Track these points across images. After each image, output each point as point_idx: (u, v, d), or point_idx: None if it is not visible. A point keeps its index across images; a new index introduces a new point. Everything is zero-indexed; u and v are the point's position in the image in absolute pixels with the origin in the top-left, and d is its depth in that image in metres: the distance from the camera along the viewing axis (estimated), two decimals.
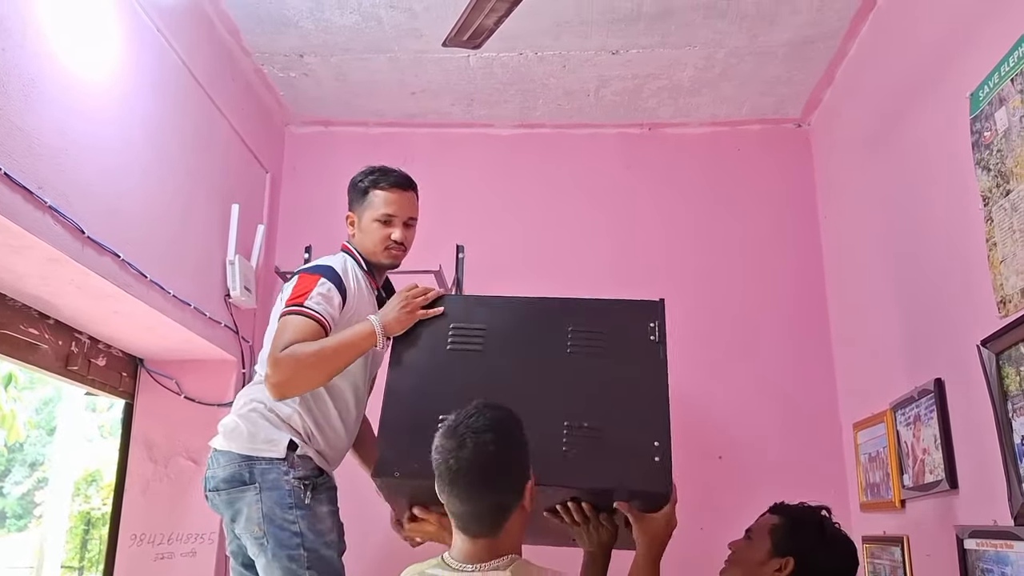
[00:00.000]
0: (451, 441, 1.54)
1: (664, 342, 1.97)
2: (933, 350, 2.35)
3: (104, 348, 2.80)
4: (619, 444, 1.84)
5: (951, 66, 2.24)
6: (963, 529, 2.12)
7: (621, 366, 1.95)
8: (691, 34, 2.91)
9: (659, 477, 1.80)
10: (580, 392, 1.92)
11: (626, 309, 2.02)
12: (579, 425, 1.87)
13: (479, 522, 1.54)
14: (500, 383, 1.95)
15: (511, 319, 2.06)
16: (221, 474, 2.04)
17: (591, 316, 2.03)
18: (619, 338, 1.98)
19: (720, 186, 3.47)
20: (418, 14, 2.82)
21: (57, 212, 1.97)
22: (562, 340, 1.99)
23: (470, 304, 2.14)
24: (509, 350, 2.01)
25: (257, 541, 1.98)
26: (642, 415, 1.87)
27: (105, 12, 2.27)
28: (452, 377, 1.99)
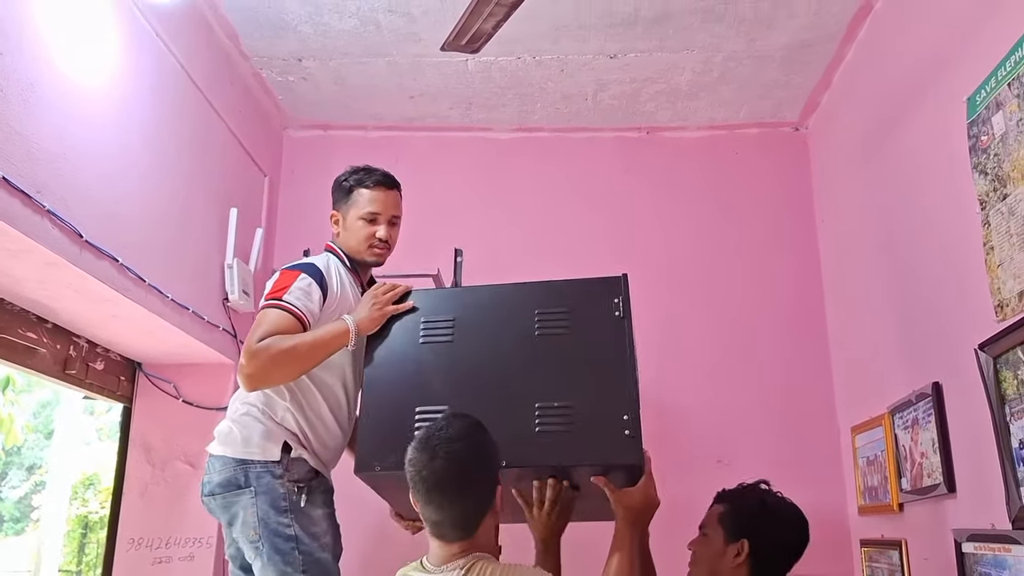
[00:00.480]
0: (423, 454, 1.60)
1: (628, 316, 2.00)
2: (931, 354, 2.36)
3: (102, 352, 2.80)
4: (590, 420, 1.89)
5: (948, 70, 2.25)
6: (961, 533, 2.12)
7: (588, 344, 1.99)
8: (689, 38, 2.92)
9: (630, 449, 1.85)
10: (550, 372, 1.97)
11: (589, 287, 2.06)
12: (550, 405, 1.92)
13: (453, 528, 1.61)
14: (472, 371, 2.01)
15: (479, 308, 2.11)
16: (217, 479, 2.05)
17: (556, 297, 2.07)
18: (584, 316, 2.02)
19: (718, 190, 3.47)
20: (416, 18, 2.82)
21: (55, 216, 1.97)
22: (530, 323, 2.03)
23: (438, 297, 2.19)
24: (479, 338, 2.05)
25: (253, 545, 1.98)
26: (611, 390, 1.91)
27: (104, 16, 2.28)
28: (426, 370, 2.04)
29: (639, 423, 1.86)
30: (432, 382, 2.01)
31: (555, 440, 1.89)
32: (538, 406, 1.93)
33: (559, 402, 1.93)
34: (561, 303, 2.05)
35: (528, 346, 2.01)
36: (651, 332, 3.28)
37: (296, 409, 2.08)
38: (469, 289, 2.18)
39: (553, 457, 1.90)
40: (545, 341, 2.01)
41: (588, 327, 2.01)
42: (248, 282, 3.00)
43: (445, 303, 2.13)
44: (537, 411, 1.92)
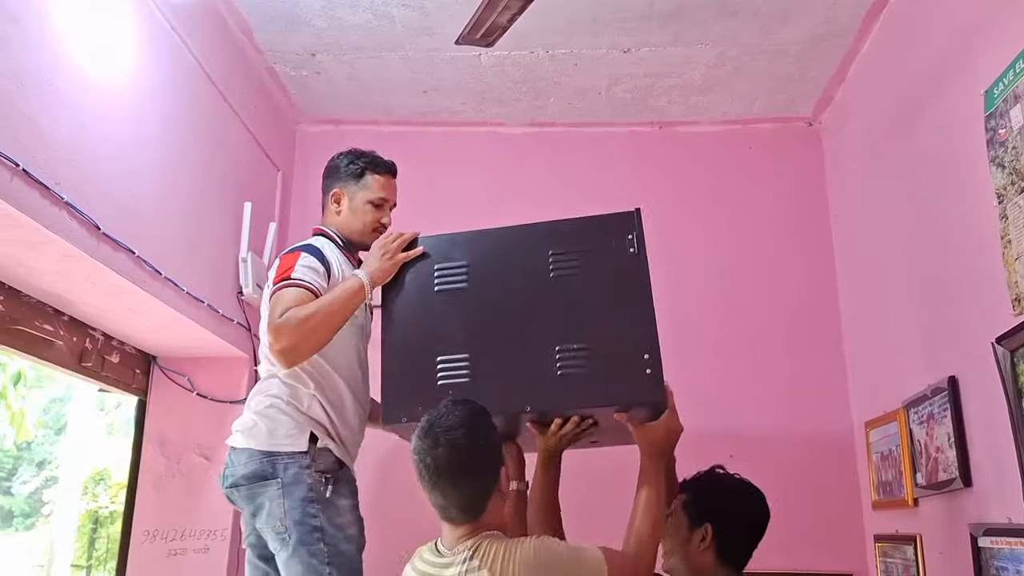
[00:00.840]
0: (426, 441, 1.64)
1: (644, 252, 1.99)
2: (947, 348, 2.35)
3: (118, 345, 2.81)
4: (611, 361, 1.89)
5: (965, 63, 2.24)
6: (977, 527, 2.12)
7: (605, 283, 1.97)
8: (703, 32, 2.91)
9: (652, 387, 1.86)
10: (567, 314, 1.96)
11: (602, 224, 2.04)
12: (569, 347, 1.92)
13: (460, 511, 1.65)
14: (489, 317, 2.00)
15: (492, 252, 2.09)
16: (242, 471, 2.05)
17: (570, 237, 2.05)
18: (600, 255, 2.00)
19: (731, 184, 3.46)
20: (430, 12, 2.82)
21: (73, 208, 1.98)
22: (544, 265, 2.01)
23: (449, 243, 2.13)
24: (494, 283, 2.04)
25: (279, 536, 1.99)
26: (630, 329, 1.91)
27: (121, 10, 2.29)
28: (443, 318, 2.03)
29: (659, 361, 1.88)
30: (451, 330, 2.01)
31: (577, 383, 1.90)
32: (558, 349, 1.92)
33: (578, 344, 1.92)
34: (575, 243, 2.03)
35: (544, 288, 2.00)
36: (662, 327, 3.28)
37: (321, 396, 2.09)
38: (480, 233, 2.13)
39: (576, 400, 1.91)
40: (561, 282, 1.99)
41: (603, 266, 1.99)
42: (262, 276, 3.00)
43: (457, 248, 2.10)
44: (558, 354, 1.92)
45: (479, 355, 1.97)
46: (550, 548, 1.63)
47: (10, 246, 2.00)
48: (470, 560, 1.59)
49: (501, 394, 1.92)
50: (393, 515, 2.62)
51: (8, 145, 1.76)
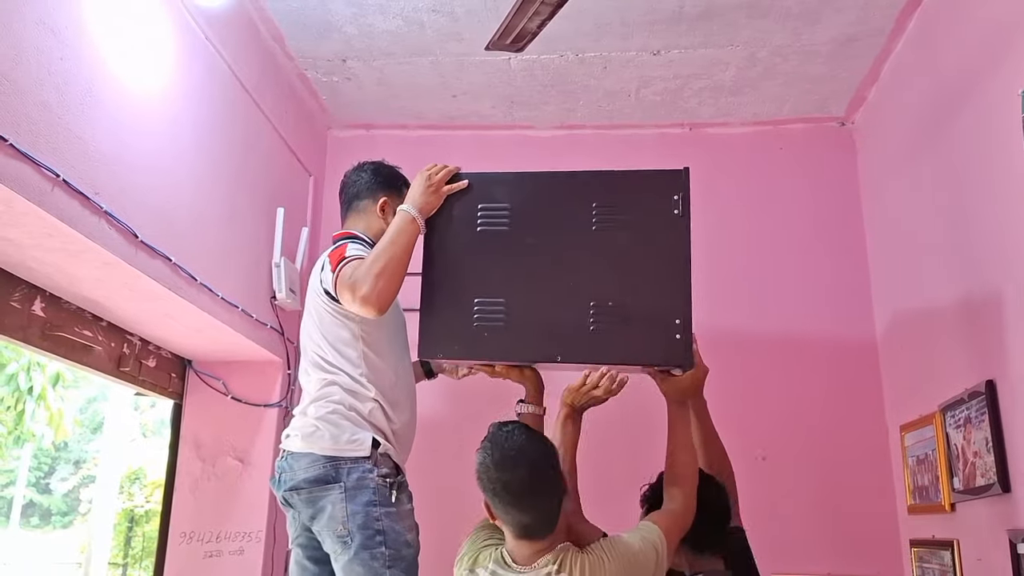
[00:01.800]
0: (504, 464, 1.70)
1: (688, 215, 1.98)
2: (984, 351, 2.32)
3: (154, 349, 2.86)
4: (643, 321, 1.93)
5: (1001, 63, 2.20)
6: (1016, 533, 2.09)
7: (645, 241, 1.98)
8: (733, 33, 2.89)
9: (680, 352, 1.91)
10: (605, 269, 1.97)
11: (649, 181, 2.03)
12: (604, 303, 1.95)
13: (543, 526, 1.72)
14: (528, 263, 2.01)
15: (535, 197, 2.09)
16: (303, 475, 2.06)
17: (615, 190, 2.04)
18: (643, 212, 2.00)
19: (762, 186, 3.44)
20: (459, 17, 2.83)
21: (112, 217, 2.02)
22: (587, 216, 2.01)
23: (493, 182, 2.12)
24: (535, 228, 2.04)
25: (340, 539, 2.01)
26: (665, 291, 1.94)
27: (157, 20, 2.33)
28: (482, 258, 2.05)
29: (690, 326, 1.91)
30: (489, 273, 2.03)
31: (607, 339, 1.94)
32: (592, 304, 1.95)
33: (613, 301, 1.94)
34: (620, 197, 2.02)
35: (585, 240, 2.00)
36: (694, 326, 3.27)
37: (382, 400, 2.12)
38: (525, 175, 2.13)
39: (604, 356, 1.95)
40: (602, 236, 1.99)
41: (646, 224, 1.98)
42: (295, 281, 3.04)
43: (500, 189, 2.10)
44: (592, 309, 1.95)
45: (514, 301, 1.99)
46: (627, 546, 1.73)
47: (51, 254, 2.04)
48: (558, 573, 1.66)
49: (532, 342, 1.98)
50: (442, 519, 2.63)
51: (49, 156, 1.80)
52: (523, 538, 1.72)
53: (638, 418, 2.56)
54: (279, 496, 2.16)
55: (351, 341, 2.12)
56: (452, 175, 2.11)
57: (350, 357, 2.12)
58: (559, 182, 2.11)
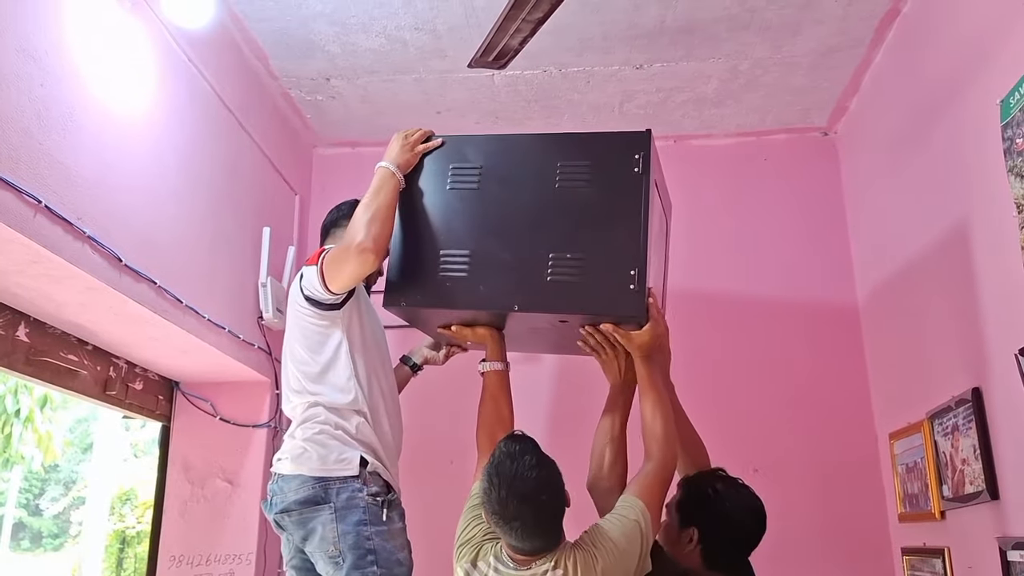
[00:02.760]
0: (507, 504, 1.69)
1: (648, 173, 2.03)
2: (969, 359, 2.33)
3: (141, 372, 2.84)
4: (599, 273, 1.99)
5: (980, 72, 2.23)
6: (1006, 541, 2.10)
7: (605, 198, 2.04)
8: (715, 46, 2.91)
9: (635, 303, 1.95)
10: (566, 224, 2.05)
11: (612, 142, 2.11)
12: (562, 256, 2.01)
13: (545, 550, 1.73)
14: (494, 218, 2.11)
15: (505, 157, 2.18)
16: (293, 496, 2.07)
17: (579, 150, 2.12)
18: (605, 171, 2.07)
19: (747, 197, 3.46)
20: (442, 35, 2.84)
21: (96, 242, 2.02)
22: (552, 174, 2.09)
23: (466, 143, 2.22)
24: (504, 187, 2.13)
25: (332, 560, 2.01)
26: (621, 244, 1.99)
27: (138, 43, 2.32)
28: (452, 215, 2.14)
29: (645, 277, 1.95)
30: (457, 227, 2.12)
31: (564, 290, 2.00)
32: (551, 256, 2.02)
33: (571, 253, 2.01)
34: (583, 156, 2.10)
35: (548, 197, 2.08)
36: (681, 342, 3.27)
37: (366, 408, 2.13)
38: (497, 137, 2.24)
39: (560, 306, 2.02)
40: (565, 193, 2.07)
41: (607, 182, 2.06)
42: (282, 300, 3.03)
43: (472, 149, 2.19)
44: (550, 261, 2.02)
45: (479, 253, 2.08)
46: (610, 540, 1.75)
47: (35, 280, 2.03)
48: (554, 570, 1.70)
49: (492, 292, 2.07)
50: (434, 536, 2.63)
51: (31, 182, 1.80)
52: (522, 553, 1.75)
53: None
54: (271, 519, 2.16)
55: (336, 347, 2.14)
56: (427, 136, 2.21)
57: (335, 366, 2.14)
58: (527, 143, 2.22)
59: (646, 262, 1.96)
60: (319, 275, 2.07)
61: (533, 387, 3.21)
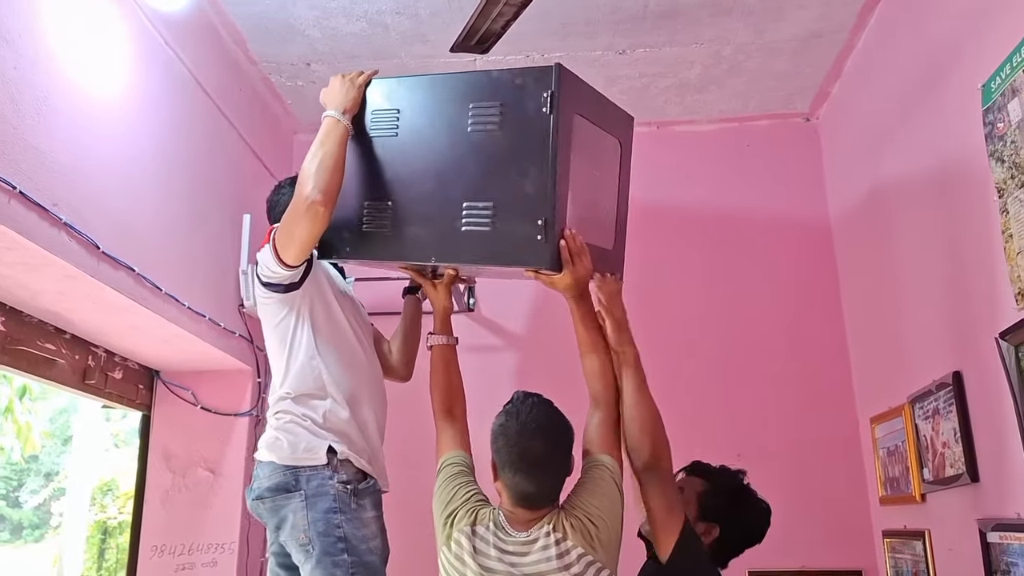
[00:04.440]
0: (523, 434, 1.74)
1: (556, 113, 1.89)
2: (950, 343, 2.34)
3: (120, 361, 2.81)
4: (509, 222, 1.92)
5: (961, 57, 2.23)
6: (986, 523, 2.12)
7: (515, 142, 1.95)
8: (698, 32, 2.90)
9: (542, 254, 1.88)
10: (478, 171, 1.98)
11: (521, 79, 1.97)
12: (475, 205, 1.96)
13: (547, 499, 1.77)
14: (413, 167, 2.05)
15: (422, 101, 2.09)
16: (266, 483, 2.07)
17: (489, 90, 2.01)
18: (514, 112, 1.96)
19: (730, 182, 3.46)
20: (424, 20, 2.82)
21: (72, 229, 1.98)
22: (465, 118, 2.00)
23: (387, 87, 2.14)
24: (420, 133, 2.06)
25: (303, 548, 2.00)
26: (530, 192, 1.90)
27: (114, 27, 2.28)
28: (373, 164, 2.09)
29: (554, 226, 1.87)
30: (378, 176, 2.07)
31: (477, 239, 1.95)
32: (465, 205, 1.96)
33: (482, 202, 1.95)
34: (494, 96, 1.99)
35: (462, 142, 2.00)
36: (665, 327, 3.28)
37: (336, 393, 2.12)
38: (414, 79, 2.13)
39: (474, 256, 2.00)
40: (477, 137, 1.98)
41: (517, 123, 1.95)
42: None
43: (393, 93, 2.11)
44: (464, 210, 1.96)
45: (399, 204, 2.04)
46: (600, 503, 1.78)
47: (10, 268, 2.00)
48: (554, 532, 1.72)
49: (412, 243, 2.04)
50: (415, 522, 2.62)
51: (4, 168, 1.76)
52: (522, 506, 1.76)
53: None
54: (249, 505, 2.16)
55: (298, 331, 2.13)
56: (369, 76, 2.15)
57: (298, 351, 2.13)
58: (442, 84, 2.10)
59: (554, 210, 1.87)
60: (272, 252, 2.03)
61: (511, 376, 3.21)
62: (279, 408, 2.14)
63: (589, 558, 1.71)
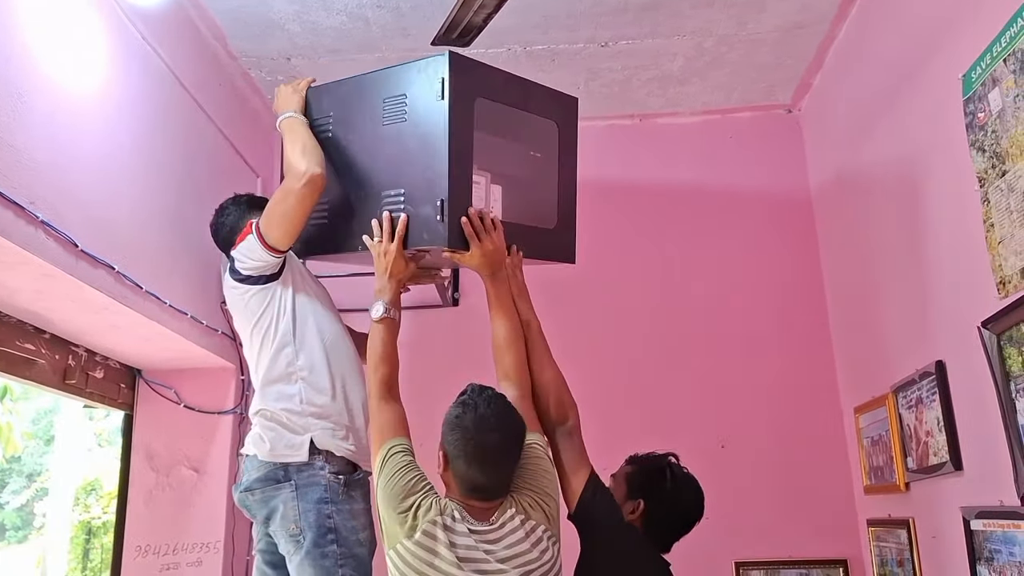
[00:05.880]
0: (479, 426, 1.75)
1: (450, 98, 2.04)
2: (933, 332, 2.36)
3: (102, 360, 2.78)
4: (418, 206, 2.07)
5: (942, 47, 2.24)
6: (969, 511, 2.13)
7: (418, 129, 2.09)
8: (680, 23, 2.90)
9: (443, 233, 2.02)
10: (392, 161, 2.14)
11: (419, 70, 2.13)
12: (389, 193, 2.12)
13: (494, 492, 1.80)
14: (344, 165, 2.21)
15: (348, 101, 2.27)
16: (256, 475, 2.09)
17: (397, 84, 2.16)
18: (418, 102, 2.11)
19: (713, 174, 3.46)
20: (405, 13, 2.80)
21: (49, 227, 1.95)
22: (380, 113, 2.17)
23: (323, 92, 2.34)
24: (348, 132, 2.23)
25: (293, 539, 2.00)
26: (432, 175, 2.04)
27: (90, 22, 2.25)
28: None
29: (451, 207, 2.00)
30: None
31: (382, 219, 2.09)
32: (384, 194, 2.12)
33: (395, 190, 2.11)
34: (401, 89, 2.14)
35: (379, 136, 2.16)
36: (649, 318, 3.28)
37: (311, 388, 2.14)
38: (341, 82, 2.31)
39: None
40: (390, 129, 2.14)
41: (421, 112, 2.09)
42: None
43: (327, 97, 2.31)
44: (383, 199, 2.12)
45: (335, 201, 2.23)
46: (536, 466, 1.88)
47: None
48: (517, 515, 1.77)
49: (344, 235, 2.20)
50: None
51: None
52: (474, 497, 1.79)
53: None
54: (236, 499, 2.16)
55: (280, 318, 2.18)
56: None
57: (276, 337, 2.17)
58: (362, 83, 2.26)
59: (450, 191, 2.00)
60: (257, 240, 2.11)
61: None
62: (257, 407, 2.16)
63: (549, 532, 1.80)
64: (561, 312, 3.22)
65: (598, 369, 3.13)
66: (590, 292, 3.29)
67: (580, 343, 3.17)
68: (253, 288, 2.17)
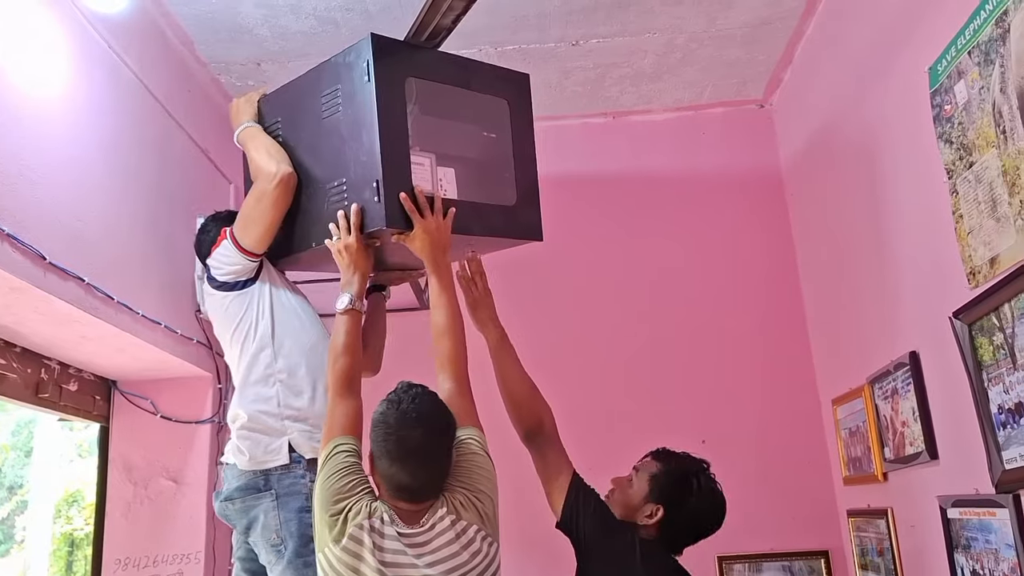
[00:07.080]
0: (403, 422, 1.68)
1: (376, 79, 2.05)
2: (907, 324, 2.38)
3: (75, 373, 2.75)
4: (359, 192, 2.06)
5: (908, 40, 2.25)
6: (946, 499, 2.15)
7: (352, 117, 2.10)
8: (650, 21, 2.90)
9: (380, 214, 2.01)
10: (332, 153, 2.14)
11: (346, 58, 2.13)
12: (333, 184, 2.12)
13: (422, 493, 1.71)
14: (296, 163, 2.20)
15: (291, 103, 2.29)
16: (236, 483, 2.08)
17: (329, 77, 2.17)
18: (350, 90, 2.11)
19: (686, 170, 3.47)
20: (373, 15, 2.78)
21: (15, 240, 1.92)
22: (319, 108, 2.18)
23: (269, 101, 2.38)
24: (295, 132, 2.26)
25: (275, 548, 1.99)
26: (367, 159, 2.05)
27: (53, 32, 2.22)
28: None
29: (386, 187, 2.00)
30: None
31: (337, 216, 2.08)
32: (328, 187, 2.13)
33: (337, 180, 2.11)
34: (333, 81, 2.15)
35: (321, 130, 2.17)
36: (625, 316, 3.29)
37: (289, 390, 2.13)
38: (283, 87, 2.35)
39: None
40: (329, 122, 2.15)
41: (353, 100, 2.10)
42: None
43: (273, 104, 2.35)
44: (330, 191, 2.13)
45: (293, 201, 2.21)
46: (479, 478, 1.78)
47: None
48: (448, 515, 1.69)
49: (301, 234, 2.21)
50: None
51: None
52: (401, 499, 1.70)
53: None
54: (216, 508, 2.14)
55: (259, 322, 2.17)
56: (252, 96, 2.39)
57: (255, 340, 2.16)
58: (300, 84, 2.28)
59: (384, 171, 2.00)
60: (233, 245, 2.13)
61: None
62: (235, 411, 2.15)
63: (483, 532, 1.72)
64: (536, 310, 3.22)
65: (576, 367, 3.14)
66: (565, 289, 3.29)
67: (557, 341, 3.18)
68: (231, 294, 2.17)
